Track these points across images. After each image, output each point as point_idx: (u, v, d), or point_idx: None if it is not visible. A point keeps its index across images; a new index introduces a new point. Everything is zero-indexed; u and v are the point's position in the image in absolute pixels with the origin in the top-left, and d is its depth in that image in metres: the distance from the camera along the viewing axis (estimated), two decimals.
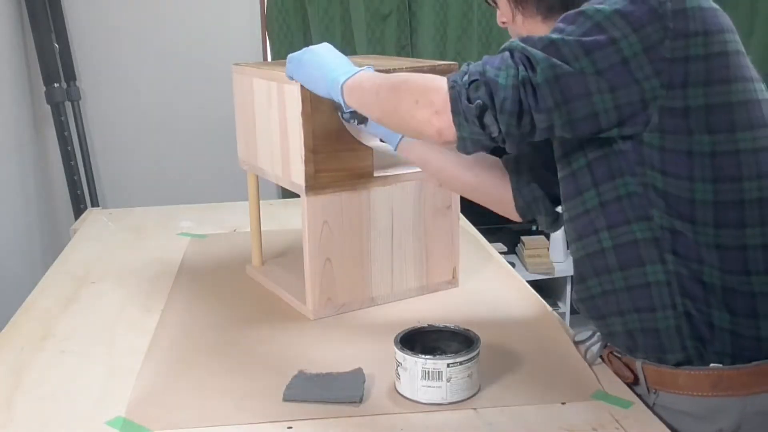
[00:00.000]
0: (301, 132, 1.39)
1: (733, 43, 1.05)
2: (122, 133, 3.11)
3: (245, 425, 1.12)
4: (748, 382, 1.09)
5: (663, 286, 1.10)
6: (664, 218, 1.08)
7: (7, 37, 2.78)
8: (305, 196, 1.42)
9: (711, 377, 1.10)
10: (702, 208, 1.06)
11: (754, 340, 1.09)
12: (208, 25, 3.07)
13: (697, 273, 1.08)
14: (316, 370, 1.25)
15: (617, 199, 1.11)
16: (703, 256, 1.07)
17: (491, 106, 1.03)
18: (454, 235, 1.59)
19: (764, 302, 1.08)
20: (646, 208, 1.09)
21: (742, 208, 1.05)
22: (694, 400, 1.11)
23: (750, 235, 1.06)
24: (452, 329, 1.25)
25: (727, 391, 1.09)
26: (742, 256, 1.06)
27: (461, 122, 1.06)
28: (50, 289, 1.67)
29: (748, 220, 1.06)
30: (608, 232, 1.13)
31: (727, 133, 1.04)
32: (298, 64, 1.33)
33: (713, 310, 1.08)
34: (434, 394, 1.15)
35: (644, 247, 1.10)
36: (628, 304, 1.14)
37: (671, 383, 1.13)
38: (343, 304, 1.49)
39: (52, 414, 1.16)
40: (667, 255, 1.09)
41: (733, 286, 1.07)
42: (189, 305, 1.56)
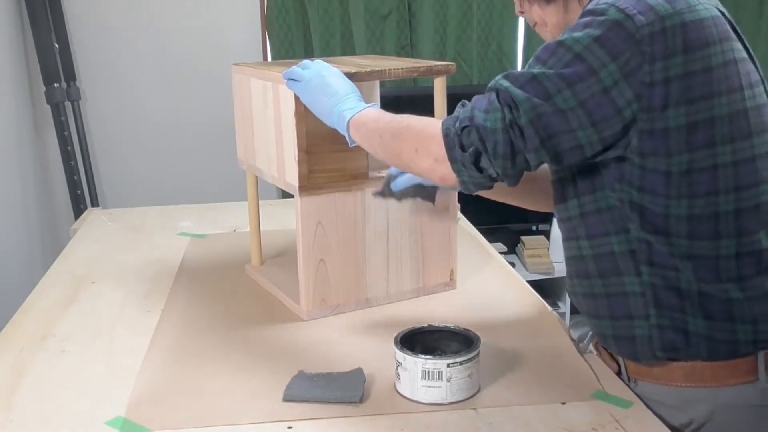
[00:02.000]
0: (294, 132, 1.39)
1: (721, 54, 1.05)
2: (122, 133, 3.11)
3: (245, 425, 1.12)
4: (721, 375, 1.12)
5: (638, 297, 1.13)
6: (640, 232, 1.10)
7: (7, 37, 2.78)
8: (299, 196, 1.42)
9: (685, 368, 1.14)
10: (676, 222, 1.08)
11: (731, 344, 1.11)
12: (208, 25, 3.07)
13: (674, 281, 1.11)
14: (315, 370, 1.25)
15: (597, 211, 1.14)
16: (678, 266, 1.10)
17: (484, 152, 1.07)
18: (451, 236, 1.58)
19: (740, 307, 1.10)
20: (624, 221, 1.12)
21: (717, 220, 1.07)
22: (668, 389, 1.15)
23: (724, 246, 1.08)
24: (452, 329, 1.25)
25: (700, 382, 1.13)
26: (715, 265, 1.09)
27: (460, 168, 1.10)
28: (50, 289, 1.67)
29: (723, 232, 1.08)
30: (588, 241, 1.17)
31: (706, 149, 1.05)
32: (306, 87, 1.33)
33: (688, 317, 1.11)
34: (434, 394, 1.15)
35: (621, 259, 1.13)
36: (605, 310, 1.18)
37: (647, 373, 1.17)
38: (338, 305, 1.49)
39: (52, 414, 1.16)
40: (642, 267, 1.12)
41: (709, 292, 1.10)
42: (189, 305, 1.56)
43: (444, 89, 1.52)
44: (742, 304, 1.10)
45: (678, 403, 1.15)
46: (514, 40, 3.37)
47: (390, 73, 1.46)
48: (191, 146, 3.14)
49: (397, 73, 1.47)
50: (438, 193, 1.41)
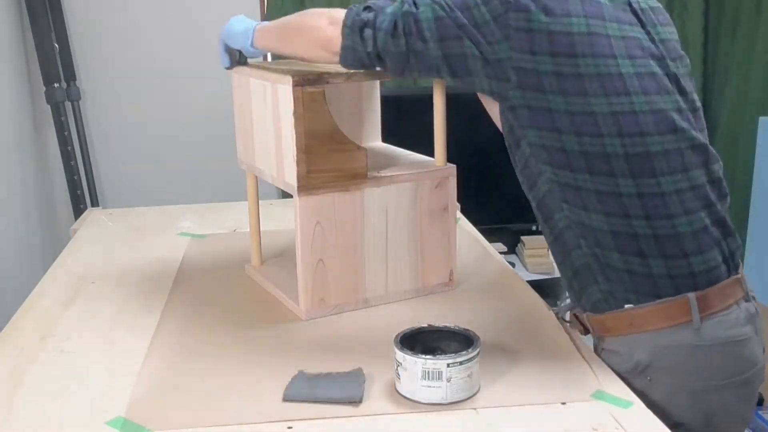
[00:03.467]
0: (293, 132, 1.39)
1: (583, 26, 1.23)
2: (122, 133, 3.11)
3: (245, 425, 1.12)
4: (655, 319, 1.26)
5: (567, 231, 1.30)
6: (550, 170, 1.27)
7: (7, 37, 2.78)
8: (297, 196, 1.42)
9: (627, 317, 1.28)
10: (574, 157, 1.24)
11: (647, 277, 1.25)
12: (208, 25, 3.06)
13: (585, 218, 1.27)
14: (315, 370, 1.25)
15: (525, 163, 1.31)
16: (587, 203, 1.25)
17: (372, 25, 1.30)
18: (450, 236, 1.58)
19: (648, 243, 1.24)
20: (538, 165, 1.29)
21: (608, 159, 1.23)
22: (618, 339, 1.30)
23: (623, 185, 1.23)
24: (452, 329, 1.25)
25: (640, 327, 1.27)
26: (620, 201, 1.24)
27: (347, 33, 1.32)
28: (50, 289, 1.67)
29: (617, 171, 1.23)
30: (531, 192, 1.34)
31: (578, 97, 1.22)
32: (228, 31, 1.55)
33: (605, 251, 1.26)
34: (434, 394, 1.15)
35: (548, 199, 1.30)
36: (557, 254, 1.35)
37: (604, 327, 1.31)
38: (336, 305, 1.49)
39: (52, 414, 1.16)
40: (562, 204, 1.28)
41: (616, 229, 1.25)
42: (189, 305, 1.56)
43: (443, 89, 1.53)
44: (649, 241, 1.24)
45: (626, 349, 1.28)
46: None
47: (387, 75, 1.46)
48: (191, 146, 3.14)
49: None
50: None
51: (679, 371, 1.26)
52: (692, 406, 1.26)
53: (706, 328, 1.24)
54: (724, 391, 1.27)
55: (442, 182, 1.54)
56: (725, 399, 1.27)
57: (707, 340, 1.25)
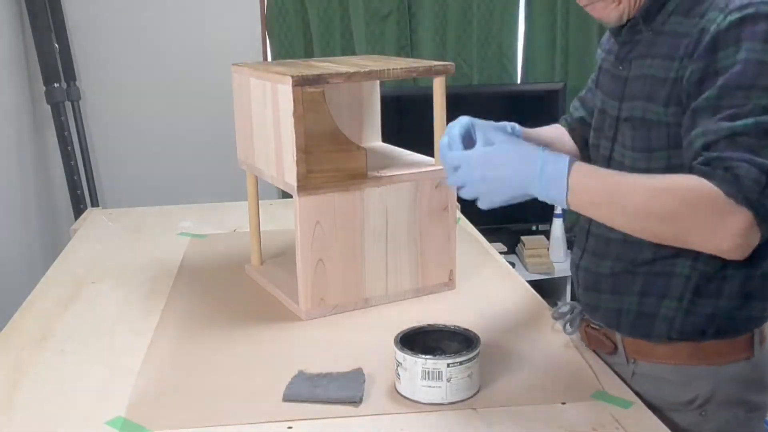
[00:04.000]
0: (293, 132, 1.39)
1: None
2: (122, 133, 3.11)
3: (245, 425, 1.12)
4: (723, 352, 1.19)
5: (682, 279, 1.17)
6: None
7: (7, 37, 2.78)
8: (297, 196, 1.42)
9: (689, 347, 1.20)
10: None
11: (736, 321, 1.18)
12: (208, 25, 3.07)
13: (720, 268, 1.14)
14: (315, 370, 1.25)
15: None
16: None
17: None
18: (450, 236, 1.58)
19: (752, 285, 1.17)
20: None
21: None
22: (673, 368, 1.21)
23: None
24: (452, 329, 1.25)
25: (703, 360, 1.19)
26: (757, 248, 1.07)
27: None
28: (50, 289, 1.67)
29: None
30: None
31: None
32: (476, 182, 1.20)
33: (720, 300, 1.16)
34: (434, 394, 1.15)
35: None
36: (637, 287, 1.21)
37: (650, 353, 1.22)
38: (336, 305, 1.49)
39: (52, 414, 1.16)
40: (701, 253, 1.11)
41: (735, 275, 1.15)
42: (189, 305, 1.56)
43: (443, 89, 1.53)
44: (754, 283, 1.16)
45: (683, 379, 1.20)
46: (514, 40, 3.37)
47: (390, 73, 1.47)
48: (191, 146, 3.14)
49: (397, 73, 1.47)
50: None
51: (733, 404, 1.21)
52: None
53: (759, 360, 1.21)
54: (756, 420, 1.25)
55: (442, 182, 1.54)
56: (755, 427, 1.26)
57: (758, 373, 1.22)
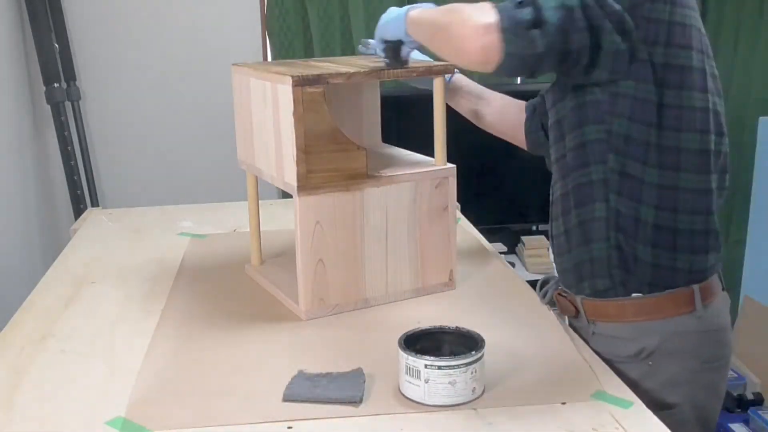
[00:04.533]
0: (293, 132, 1.39)
1: (694, 18, 1.26)
2: (122, 133, 3.10)
3: (245, 425, 1.12)
4: (664, 308, 1.32)
5: (602, 221, 1.31)
6: (619, 161, 1.28)
7: (7, 37, 2.78)
8: (297, 196, 1.42)
9: (634, 305, 1.33)
10: (652, 150, 1.26)
11: (670, 270, 1.31)
12: (208, 25, 3.07)
13: (635, 211, 1.29)
14: (315, 370, 1.25)
15: (583, 145, 1.31)
16: (644, 196, 1.28)
17: (539, 21, 1.16)
18: (450, 236, 1.58)
19: (684, 238, 1.30)
20: (604, 152, 1.29)
21: (679, 154, 1.26)
22: (622, 325, 1.34)
23: (683, 179, 1.27)
24: (451, 330, 1.25)
25: (648, 315, 1.32)
26: (674, 196, 1.28)
27: (509, 38, 1.16)
28: (50, 289, 1.67)
29: (684, 166, 1.27)
30: (571, 173, 1.34)
31: (677, 89, 1.25)
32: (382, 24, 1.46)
33: (639, 244, 1.30)
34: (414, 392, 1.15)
35: (596, 188, 1.31)
36: (574, 240, 1.36)
37: (604, 313, 1.36)
38: (336, 305, 1.49)
39: (52, 414, 1.16)
40: (611, 195, 1.30)
41: (660, 223, 1.29)
42: (189, 305, 1.56)
43: (443, 89, 1.53)
44: (685, 235, 1.29)
45: (632, 335, 1.33)
46: None
47: (390, 74, 1.47)
48: (191, 146, 3.14)
49: (397, 74, 1.47)
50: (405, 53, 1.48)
51: (681, 355, 1.33)
52: (686, 389, 1.34)
53: (705, 315, 1.33)
54: (714, 372, 1.37)
55: (442, 182, 1.54)
56: (714, 380, 1.38)
57: (705, 327, 1.33)
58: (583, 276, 1.37)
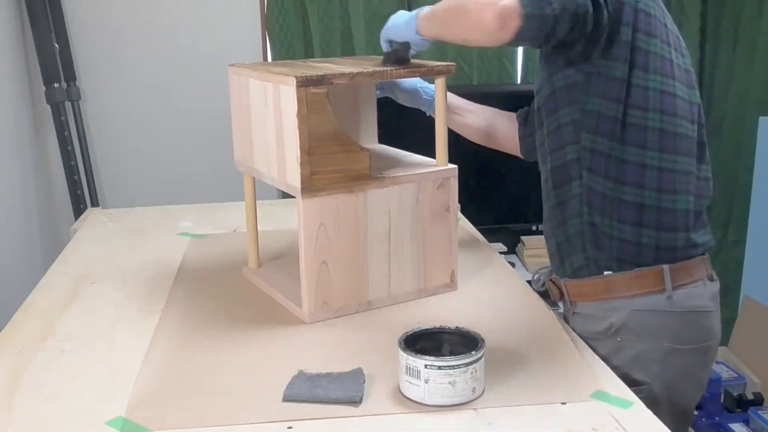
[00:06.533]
0: (296, 133, 1.39)
1: (658, 9, 1.37)
2: (122, 133, 3.10)
3: (245, 425, 1.12)
4: (632, 286, 1.39)
5: (576, 198, 1.40)
6: (590, 138, 1.36)
7: (7, 37, 2.78)
8: (301, 198, 1.41)
9: (605, 283, 1.41)
10: (619, 126, 1.35)
11: (636, 246, 1.38)
12: (208, 25, 3.07)
13: (602, 186, 1.37)
14: (316, 370, 1.25)
15: (559, 128, 1.40)
16: (609, 171, 1.36)
17: None
18: (452, 237, 1.58)
19: (650, 214, 1.37)
20: (578, 132, 1.37)
21: (646, 132, 1.35)
22: (595, 303, 1.43)
23: (649, 157, 1.36)
24: (451, 330, 1.25)
25: (616, 293, 1.40)
26: (641, 172, 1.36)
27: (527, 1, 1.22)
28: (50, 289, 1.67)
29: (649, 144, 1.35)
30: (550, 155, 1.43)
31: (642, 71, 1.34)
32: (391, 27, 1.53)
33: (605, 219, 1.38)
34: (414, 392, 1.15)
35: (570, 166, 1.40)
36: (554, 220, 1.45)
37: (581, 293, 1.45)
38: (340, 308, 1.49)
39: (52, 414, 1.16)
40: (583, 172, 1.38)
41: (627, 198, 1.36)
42: (189, 305, 1.56)
43: (444, 90, 1.53)
44: (651, 212, 1.36)
45: (602, 313, 1.41)
46: None
47: (391, 74, 1.47)
48: (191, 146, 3.14)
49: (398, 74, 1.47)
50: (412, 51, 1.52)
51: (649, 334, 1.39)
52: (657, 368, 1.39)
53: (676, 296, 1.38)
54: (687, 356, 1.40)
55: (443, 183, 1.54)
56: (687, 363, 1.41)
57: (677, 307, 1.39)
58: (563, 256, 1.46)
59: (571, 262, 1.45)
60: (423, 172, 1.53)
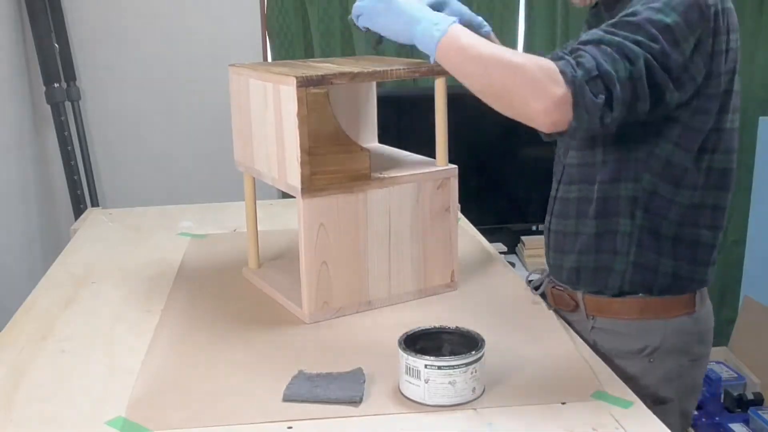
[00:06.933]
0: (296, 133, 1.39)
1: (737, 40, 1.29)
2: (122, 133, 3.10)
3: (245, 425, 1.12)
4: (668, 308, 1.38)
5: (624, 236, 1.36)
6: (653, 182, 1.32)
7: (7, 37, 2.78)
8: (301, 198, 1.41)
9: (638, 303, 1.38)
10: (690, 173, 1.31)
11: (673, 277, 1.36)
12: (208, 25, 3.07)
13: (657, 227, 1.34)
14: (316, 370, 1.25)
15: (619, 161, 1.33)
16: (671, 214, 1.33)
17: (610, 99, 1.16)
18: (452, 237, 1.58)
19: (704, 252, 1.36)
20: (640, 171, 1.32)
21: (710, 173, 1.32)
22: (626, 322, 1.39)
23: (706, 196, 1.33)
24: (453, 331, 1.25)
25: (651, 314, 1.38)
26: (699, 212, 1.33)
27: (581, 115, 1.15)
28: (50, 289, 1.67)
29: (708, 185, 1.32)
30: (599, 185, 1.36)
31: (730, 113, 1.30)
32: (374, 13, 1.32)
33: (661, 257, 1.35)
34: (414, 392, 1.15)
35: (623, 203, 1.34)
36: (591, 246, 1.39)
37: (607, 309, 1.40)
38: (340, 308, 1.49)
39: (52, 414, 1.16)
40: (638, 211, 1.34)
41: (683, 237, 1.34)
42: (189, 305, 1.56)
43: (445, 90, 1.53)
44: (706, 249, 1.36)
45: (634, 332, 1.39)
46: (514, 39, 3.36)
47: (391, 74, 1.46)
48: (191, 146, 3.14)
49: (399, 74, 1.47)
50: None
51: (676, 354, 1.39)
52: (677, 384, 1.41)
53: (700, 317, 1.41)
54: (696, 369, 1.44)
55: (444, 183, 1.54)
56: (695, 376, 1.45)
57: (699, 327, 1.41)
58: (585, 278, 1.42)
59: (597, 284, 1.41)
60: (423, 172, 1.53)
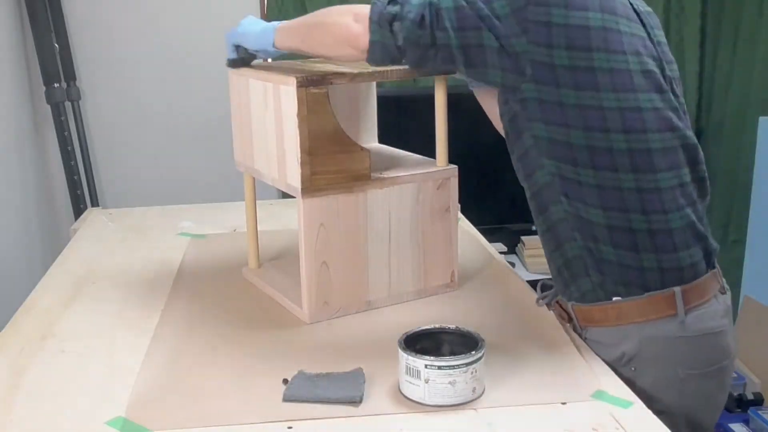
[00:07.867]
0: (297, 134, 1.39)
1: (599, 20, 1.25)
2: (122, 133, 3.10)
3: (245, 425, 1.12)
4: (644, 311, 1.30)
5: (562, 223, 1.33)
6: (554, 164, 1.29)
7: (7, 37, 2.78)
8: (301, 198, 1.41)
9: (615, 309, 1.32)
10: (579, 151, 1.27)
11: (639, 271, 1.30)
12: (208, 25, 3.07)
13: (583, 212, 1.30)
14: (316, 370, 1.25)
15: (525, 153, 1.34)
16: (586, 197, 1.28)
17: (400, 18, 1.27)
18: (452, 237, 1.58)
19: (642, 238, 1.28)
20: (540, 157, 1.31)
21: (612, 154, 1.26)
22: (606, 330, 1.34)
23: (624, 180, 1.27)
24: (453, 331, 1.25)
25: (627, 319, 1.31)
26: (619, 196, 1.27)
27: (375, 28, 1.29)
28: (50, 289, 1.67)
29: (620, 166, 1.26)
30: (527, 181, 1.36)
31: (590, 91, 1.25)
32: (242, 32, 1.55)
33: (599, 244, 1.30)
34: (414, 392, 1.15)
35: (546, 191, 1.33)
36: (549, 244, 1.38)
37: (591, 318, 1.36)
38: (340, 308, 1.49)
39: (52, 414, 1.16)
40: (561, 197, 1.31)
41: (613, 223, 1.28)
42: (189, 305, 1.56)
43: (444, 89, 1.53)
44: (643, 235, 1.28)
45: (613, 340, 1.33)
46: None
47: (391, 74, 1.46)
48: (191, 146, 3.14)
49: (398, 74, 1.47)
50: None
51: (663, 361, 1.31)
52: (675, 395, 1.32)
53: (689, 319, 1.30)
54: (704, 379, 1.33)
55: (444, 183, 1.54)
56: (705, 387, 1.34)
57: (690, 332, 1.31)
58: (567, 280, 1.37)
59: (578, 286, 1.36)
60: (423, 172, 1.53)
